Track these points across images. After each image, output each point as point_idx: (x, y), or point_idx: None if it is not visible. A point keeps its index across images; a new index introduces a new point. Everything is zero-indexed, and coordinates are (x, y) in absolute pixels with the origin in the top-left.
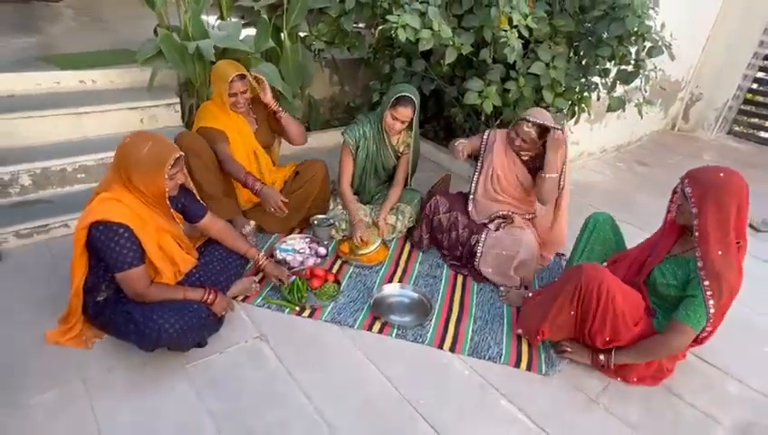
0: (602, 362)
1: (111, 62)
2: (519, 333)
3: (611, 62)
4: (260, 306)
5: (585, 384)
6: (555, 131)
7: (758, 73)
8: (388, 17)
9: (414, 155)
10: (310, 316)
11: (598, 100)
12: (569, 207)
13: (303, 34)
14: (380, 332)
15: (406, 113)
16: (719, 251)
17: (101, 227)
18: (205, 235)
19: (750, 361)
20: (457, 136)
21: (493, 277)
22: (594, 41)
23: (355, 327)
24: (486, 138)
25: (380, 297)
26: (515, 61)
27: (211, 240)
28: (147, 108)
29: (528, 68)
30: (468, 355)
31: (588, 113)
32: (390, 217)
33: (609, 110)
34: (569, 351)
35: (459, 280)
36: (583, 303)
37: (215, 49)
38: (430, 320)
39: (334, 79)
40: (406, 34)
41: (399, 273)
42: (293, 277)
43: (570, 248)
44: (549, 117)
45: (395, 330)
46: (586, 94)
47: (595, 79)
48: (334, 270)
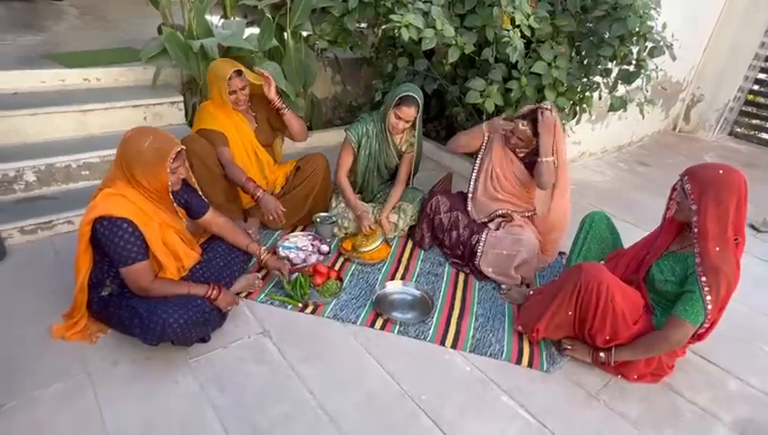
0: (603, 360)
1: (115, 60)
2: (519, 330)
3: (613, 61)
4: (263, 303)
5: (586, 381)
6: (544, 112)
7: (759, 75)
8: (391, 17)
9: (417, 154)
10: (312, 313)
11: (600, 99)
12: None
13: (306, 34)
14: (382, 328)
15: (409, 113)
16: (717, 247)
17: (106, 222)
18: (208, 231)
19: (750, 360)
20: None
21: (494, 276)
22: (596, 41)
23: (357, 324)
24: (487, 137)
25: (383, 294)
26: (517, 60)
27: (214, 237)
28: (151, 106)
29: (530, 67)
30: (470, 352)
31: (589, 113)
32: (392, 216)
33: (610, 109)
34: (570, 349)
35: (461, 278)
36: (583, 302)
37: (218, 47)
38: (432, 317)
39: (336, 78)
40: (409, 34)
41: (402, 270)
42: (296, 274)
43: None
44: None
45: (397, 327)
46: (588, 94)
47: (597, 78)
48: (337, 267)
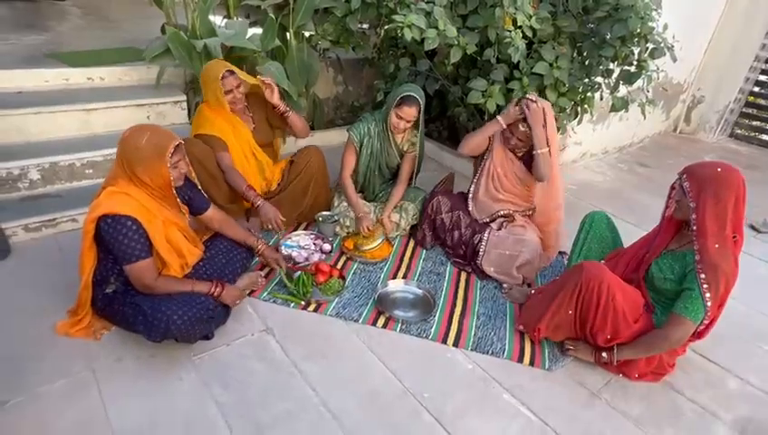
0: (605, 360)
1: (119, 59)
2: (520, 330)
3: (614, 62)
4: (266, 300)
5: (587, 379)
6: (529, 105)
7: (760, 76)
8: (394, 17)
9: (419, 154)
10: (315, 311)
11: (601, 100)
12: (569, 206)
13: (309, 34)
14: (385, 326)
15: (411, 113)
16: (716, 244)
17: (110, 220)
18: (209, 228)
19: (750, 359)
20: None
21: (495, 275)
22: (597, 41)
23: (360, 322)
24: (492, 138)
25: (385, 293)
26: (519, 61)
27: (216, 234)
28: (154, 105)
29: (532, 68)
30: (472, 350)
31: (590, 113)
32: (394, 215)
33: (612, 110)
34: (572, 349)
35: (462, 277)
36: (584, 301)
37: (222, 47)
38: (434, 315)
39: (339, 78)
40: (412, 34)
41: (404, 269)
42: (299, 272)
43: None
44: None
45: (399, 325)
46: (589, 94)
47: (598, 79)
48: (339, 266)
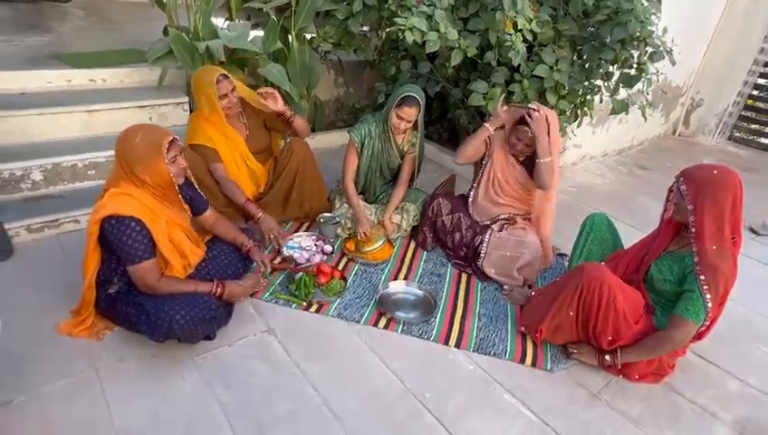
0: (609, 363)
1: (121, 61)
2: (522, 331)
3: (614, 65)
4: (268, 301)
5: (588, 380)
6: (532, 114)
7: (758, 80)
8: (395, 20)
9: (419, 155)
10: (317, 312)
11: (601, 102)
12: (569, 208)
13: (310, 36)
14: (386, 327)
15: (411, 113)
16: (714, 246)
17: (114, 221)
18: (207, 229)
19: (749, 360)
20: (461, 138)
21: (496, 277)
22: (597, 44)
23: (361, 323)
24: (490, 142)
25: (386, 294)
26: (520, 63)
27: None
28: (156, 106)
29: (532, 71)
30: (473, 351)
31: (590, 116)
32: (395, 216)
33: (612, 112)
34: (576, 353)
35: (463, 278)
36: (585, 302)
37: (224, 49)
38: (435, 317)
39: (340, 80)
40: (413, 36)
41: (405, 270)
42: (300, 274)
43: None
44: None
45: (400, 326)
46: (589, 97)
47: (598, 82)
48: (340, 267)
